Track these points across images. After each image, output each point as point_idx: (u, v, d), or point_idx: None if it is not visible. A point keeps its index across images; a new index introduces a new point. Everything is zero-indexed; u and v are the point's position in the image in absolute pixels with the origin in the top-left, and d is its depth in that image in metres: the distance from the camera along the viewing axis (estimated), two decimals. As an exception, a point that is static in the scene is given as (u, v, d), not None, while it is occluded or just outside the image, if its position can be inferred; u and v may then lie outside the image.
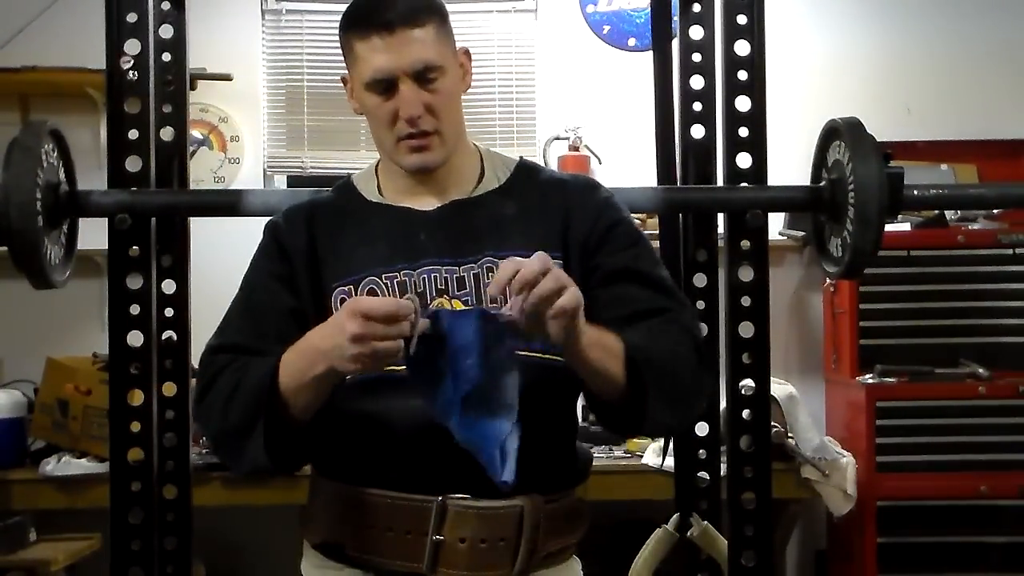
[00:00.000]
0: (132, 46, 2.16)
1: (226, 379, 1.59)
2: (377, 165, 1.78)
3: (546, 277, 1.39)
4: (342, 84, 1.72)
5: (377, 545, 1.60)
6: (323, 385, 1.52)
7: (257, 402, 1.53)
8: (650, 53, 2.29)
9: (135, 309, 2.16)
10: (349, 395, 1.59)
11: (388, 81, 1.62)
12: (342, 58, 1.69)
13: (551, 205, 1.70)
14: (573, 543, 1.72)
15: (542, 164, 1.78)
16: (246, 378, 1.56)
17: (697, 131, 2.25)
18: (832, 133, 2.11)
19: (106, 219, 2.13)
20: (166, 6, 2.22)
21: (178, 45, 2.22)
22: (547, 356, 1.59)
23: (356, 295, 1.62)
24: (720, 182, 2.22)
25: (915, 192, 2.09)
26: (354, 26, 1.65)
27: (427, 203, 1.70)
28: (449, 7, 1.69)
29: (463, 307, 1.61)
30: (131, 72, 2.15)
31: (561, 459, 1.69)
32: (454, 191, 1.71)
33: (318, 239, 1.70)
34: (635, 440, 3.86)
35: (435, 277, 1.64)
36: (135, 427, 2.16)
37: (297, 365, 1.52)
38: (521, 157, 1.81)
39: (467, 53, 1.72)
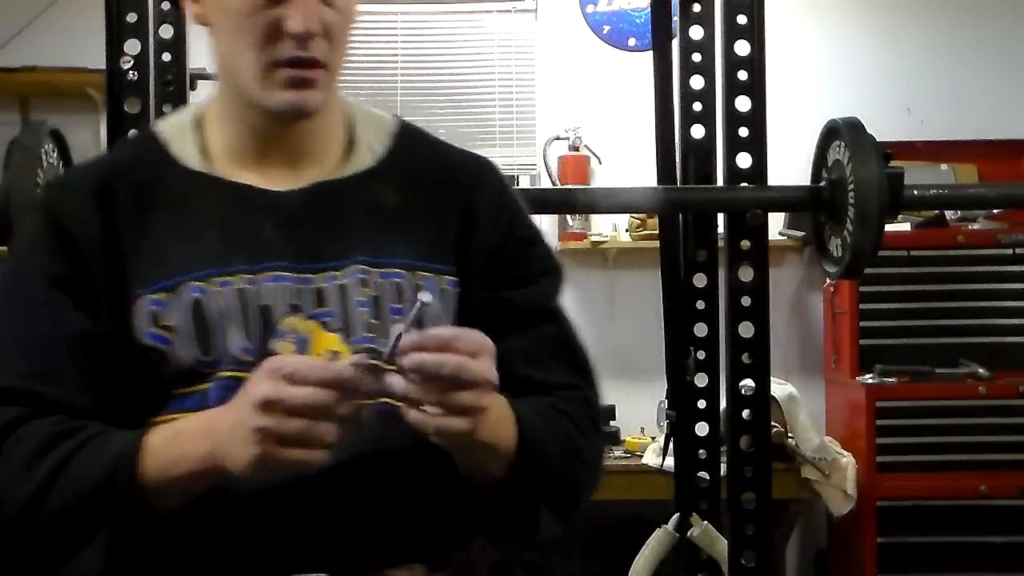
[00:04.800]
0: (132, 46, 2.15)
1: (22, 455, 1.11)
2: (200, 116, 1.27)
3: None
4: None
5: None
6: (193, 487, 1.10)
7: (98, 510, 1.08)
8: (650, 53, 2.29)
9: (135, 309, 2.15)
10: None
11: None
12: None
13: (447, 202, 1.27)
14: None
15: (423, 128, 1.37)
16: (72, 470, 1.10)
17: (697, 131, 2.26)
18: (832, 133, 2.11)
19: (106, 219, 2.13)
20: (166, 6, 2.21)
21: (178, 45, 2.22)
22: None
23: (175, 307, 1.16)
24: (720, 182, 2.22)
25: (915, 192, 2.09)
26: None
27: (276, 179, 1.23)
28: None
29: (329, 336, 1.17)
30: (131, 72, 2.15)
31: (447, 517, 1.23)
32: (312, 163, 1.24)
33: (120, 220, 1.20)
34: (634, 440, 3.87)
35: (284, 288, 1.17)
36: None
37: (169, 453, 1.09)
38: (396, 116, 1.34)
39: None
